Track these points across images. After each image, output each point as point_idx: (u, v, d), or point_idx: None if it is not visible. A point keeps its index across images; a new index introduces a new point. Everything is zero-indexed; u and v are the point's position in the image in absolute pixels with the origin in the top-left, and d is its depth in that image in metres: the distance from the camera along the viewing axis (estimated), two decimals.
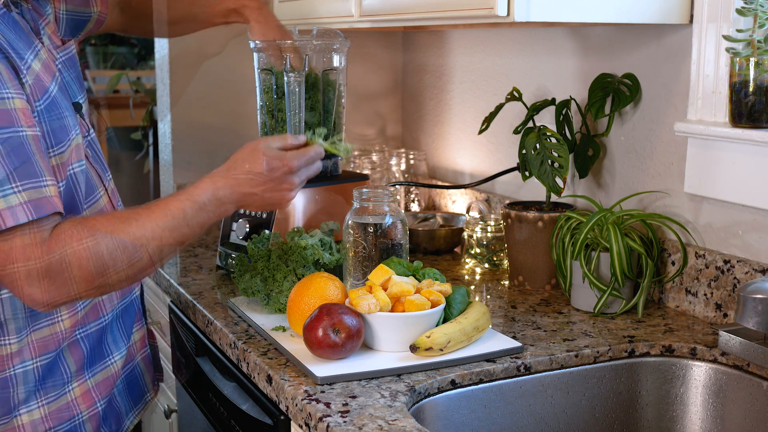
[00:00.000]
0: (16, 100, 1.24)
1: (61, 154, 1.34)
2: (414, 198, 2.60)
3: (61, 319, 1.42)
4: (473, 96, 2.44)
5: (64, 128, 1.35)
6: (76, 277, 1.24)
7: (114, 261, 1.26)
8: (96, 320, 1.48)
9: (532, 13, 1.57)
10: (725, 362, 1.50)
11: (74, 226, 1.25)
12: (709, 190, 1.67)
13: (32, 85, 1.30)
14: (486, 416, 1.43)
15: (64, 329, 1.42)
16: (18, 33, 1.34)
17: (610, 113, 1.85)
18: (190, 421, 1.91)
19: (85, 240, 1.24)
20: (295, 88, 1.83)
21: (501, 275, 2.01)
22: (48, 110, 1.32)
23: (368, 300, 1.42)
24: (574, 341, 1.55)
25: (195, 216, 1.34)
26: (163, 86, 2.57)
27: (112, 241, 1.25)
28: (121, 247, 1.26)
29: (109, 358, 1.52)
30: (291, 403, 1.33)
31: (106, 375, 1.51)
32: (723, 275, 1.64)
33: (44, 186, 1.24)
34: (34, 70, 1.33)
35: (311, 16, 2.25)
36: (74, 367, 1.45)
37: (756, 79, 1.53)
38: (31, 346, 1.40)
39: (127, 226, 1.28)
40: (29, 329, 1.39)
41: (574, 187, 2.03)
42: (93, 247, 1.24)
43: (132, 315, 1.57)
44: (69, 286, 1.24)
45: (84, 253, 1.23)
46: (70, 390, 1.45)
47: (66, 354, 1.44)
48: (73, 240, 1.24)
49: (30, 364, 1.40)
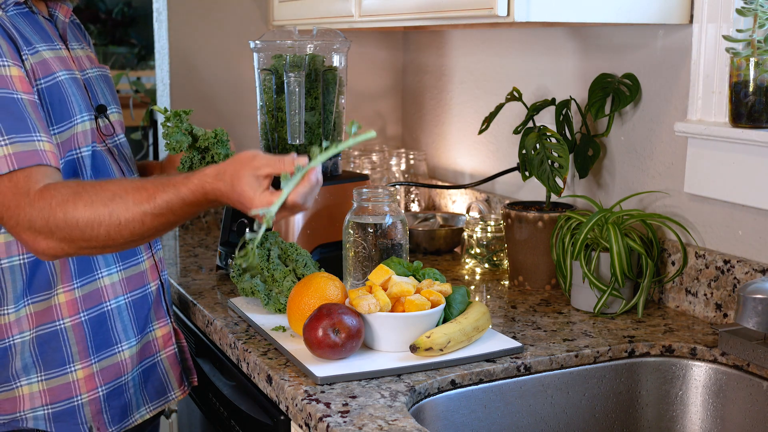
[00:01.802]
0: (13, 68, 1.34)
1: (61, 133, 1.41)
2: (414, 198, 2.60)
3: (56, 292, 1.46)
4: (473, 96, 2.44)
5: (65, 111, 1.42)
6: (58, 236, 1.30)
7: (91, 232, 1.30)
8: (98, 305, 1.50)
9: (532, 13, 1.57)
10: (725, 362, 1.50)
11: (62, 188, 1.31)
12: (709, 190, 1.67)
13: (35, 64, 1.38)
14: (486, 416, 1.43)
15: (59, 303, 1.46)
16: (36, 29, 1.44)
17: (610, 113, 1.85)
18: (190, 421, 1.91)
19: (67, 204, 1.29)
20: (295, 88, 1.83)
21: (501, 275, 2.01)
22: (49, 91, 1.40)
23: (368, 300, 1.42)
24: (574, 341, 1.55)
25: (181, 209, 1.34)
26: (163, 86, 2.57)
27: (91, 213, 1.30)
28: (98, 221, 1.30)
29: (117, 346, 1.53)
30: (291, 403, 1.33)
31: (113, 362, 1.53)
32: (723, 275, 1.64)
33: (36, 140, 1.32)
34: (41, 55, 1.41)
35: (311, 16, 2.25)
36: (76, 348, 1.48)
37: (756, 79, 1.53)
38: (30, 317, 1.45)
39: (110, 201, 1.31)
40: (27, 300, 1.44)
41: (574, 187, 2.03)
42: (71, 213, 1.29)
43: (146, 308, 1.59)
44: (57, 241, 1.31)
45: (61, 216, 1.29)
46: (73, 371, 1.48)
47: (69, 333, 1.47)
48: (54, 200, 1.29)
49: (27, 335, 1.45)
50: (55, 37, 1.49)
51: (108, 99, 1.60)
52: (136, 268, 1.58)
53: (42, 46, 1.43)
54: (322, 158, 1.32)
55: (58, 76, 1.43)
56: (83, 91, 1.50)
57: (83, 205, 1.30)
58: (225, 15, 2.55)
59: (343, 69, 1.93)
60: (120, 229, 1.31)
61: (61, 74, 1.44)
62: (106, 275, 1.52)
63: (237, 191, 1.32)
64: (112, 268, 1.53)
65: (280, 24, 2.44)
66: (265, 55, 1.91)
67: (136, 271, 1.57)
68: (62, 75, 1.44)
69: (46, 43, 1.45)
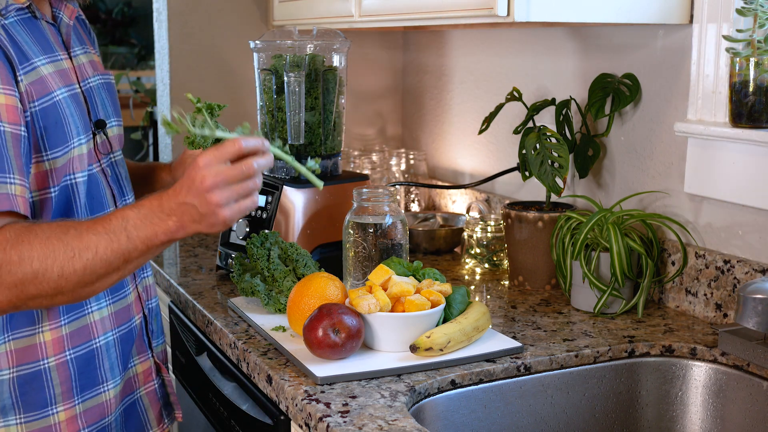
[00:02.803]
0: (1, 96, 1.23)
1: (55, 159, 1.31)
2: (414, 198, 2.60)
3: (41, 329, 1.35)
4: (473, 96, 2.44)
5: (62, 134, 1.32)
6: (5, 283, 1.19)
7: (44, 269, 1.20)
8: (87, 342, 1.40)
9: (532, 13, 1.57)
10: (725, 362, 1.50)
11: (14, 229, 1.21)
12: (709, 190, 1.67)
13: (29, 85, 1.28)
14: (486, 416, 1.43)
15: (44, 341, 1.35)
16: (36, 38, 1.34)
17: (610, 113, 1.85)
18: (190, 421, 1.91)
19: (20, 244, 1.20)
20: (295, 88, 1.83)
21: (501, 275, 2.01)
22: (44, 113, 1.29)
23: (368, 300, 1.42)
24: (574, 341, 1.55)
25: (136, 228, 1.24)
26: (163, 86, 2.57)
27: (43, 248, 1.20)
28: (52, 257, 1.20)
29: (103, 385, 1.43)
30: (291, 403, 1.33)
31: (97, 403, 1.43)
32: (723, 275, 1.64)
33: (9, 183, 1.21)
34: (39, 72, 1.31)
35: (311, 16, 2.25)
36: (60, 389, 1.37)
37: (756, 79, 1.53)
38: (9, 354, 1.33)
39: (64, 234, 1.22)
40: (7, 336, 1.33)
41: (574, 187, 2.03)
42: (26, 252, 1.19)
43: (130, 344, 1.49)
44: (3, 289, 1.20)
45: (16, 258, 1.19)
46: (55, 413, 1.37)
47: (52, 373, 1.36)
48: (8, 243, 1.19)
49: (6, 373, 1.33)
50: (57, 45, 1.39)
51: (108, 110, 1.48)
52: (124, 301, 1.48)
53: (41, 60, 1.32)
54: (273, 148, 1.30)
55: (55, 95, 1.32)
56: (83, 107, 1.40)
57: (38, 242, 1.20)
58: (225, 15, 2.55)
59: (343, 69, 1.93)
60: (73, 262, 1.21)
61: (59, 93, 1.33)
62: (95, 310, 1.41)
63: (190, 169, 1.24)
64: (102, 302, 1.42)
65: (280, 24, 2.44)
66: (265, 55, 1.91)
67: (123, 305, 1.47)
68: (60, 94, 1.33)
69: (46, 55, 1.34)
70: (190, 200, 1.24)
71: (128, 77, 3.70)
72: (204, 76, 2.54)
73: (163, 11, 2.50)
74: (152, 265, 2.11)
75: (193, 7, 2.52)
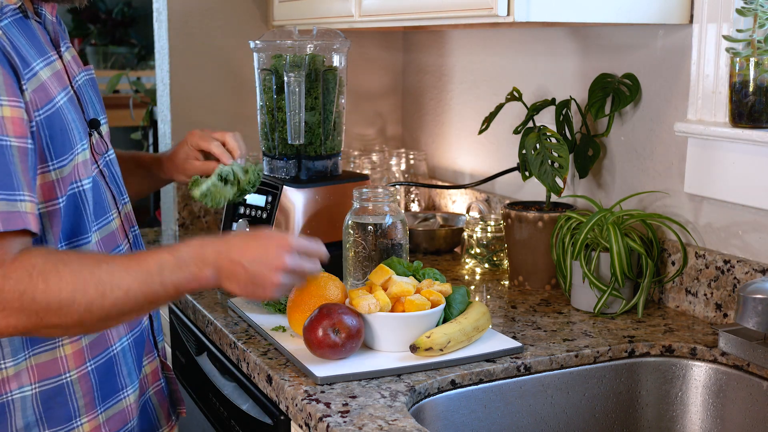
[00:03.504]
0: (6, 108, 1.18)
1: (62, 168, 1.27)
2: (414, 198, 2.60)
3: (62, 343, 1.32)
4: (473, 96, 2.44)
5: (66, 141, 1.28)
6: (28, 310, 1.16)
7: (71, 301, 1.17)
8: (105, 350, 1.38)
9: (532, 13, 1.57)
10: (725, 362, 1.50)
11: (42, 255, 1.18)
12: (709, 190, 1.67)
13: (33, 93, 1.24)
14: (486, 416, 1.43)
15: (65, 355, 1.32)
16: (31, 40, 1.30)
17: (610, 113, 1.85)
18: (190, 421, 1.91)
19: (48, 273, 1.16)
20: (295, 88, 1.83)
21: (501, 275, 2.01)
22: (49, 121, 1.26)
23: (368, 300, 1.42)
24: (574, 341, 1.55)
25: (172, 272, 1.24)
26: (163, 86, 2.57)
27: (74, 280, 1.17)
28: (82, 290, 1.18)
29: (123, 392, 1.41)
30: (291, 403, 1.33)
31: (119, 410, 1.41)
32: (723, 275, 1.64)
33: (19, 200, 1.16)
34: (40, 78, 1.27)
35: (311, 16, 2.25)
36: (83, 401, 1.35)
37: (756, 79, 1.53)
38: (31, 371, 1.30)
39: (96, 268, 1.20)
40: (27, 352, 1.30)
41: (574, 187, 2.03)
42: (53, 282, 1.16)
43: (142, 346, 1.47)
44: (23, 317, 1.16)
45: (41, 285, 1.15)
46: (79, 425, 1.35)
47: (75, 386, 1.34)
48: (35, 269, 1.16)
49: (29, 389, 1.30)
50: (47, 43, 1.34)
51: (96, 108, 1.44)
52: None
53: (39, 64, 1.27)
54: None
55: (57, 101, 1.28)
56: (78, 108, 1.36)
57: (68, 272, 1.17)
58: (225, 15, 2.55)
59: (343, 69, 1.93)
60: (103, 299, 1.19)
61: (59, 98, 1.29)
62: None
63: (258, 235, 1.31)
64: None
65: (280, 24, 2.44)
66: (265, 55, 1.91)
67: None
68: (61, 99, 1.30)
69: (42, 57, 1.29)
70: (253, 268, 1.28)
71: (128, 77, 3.69)
72: (204, 76, 2.54)
73: (163, 11, 2.50)
74: None
75: (193, 7, 2.52)
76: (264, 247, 1.30)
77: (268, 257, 1.29)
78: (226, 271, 1.28)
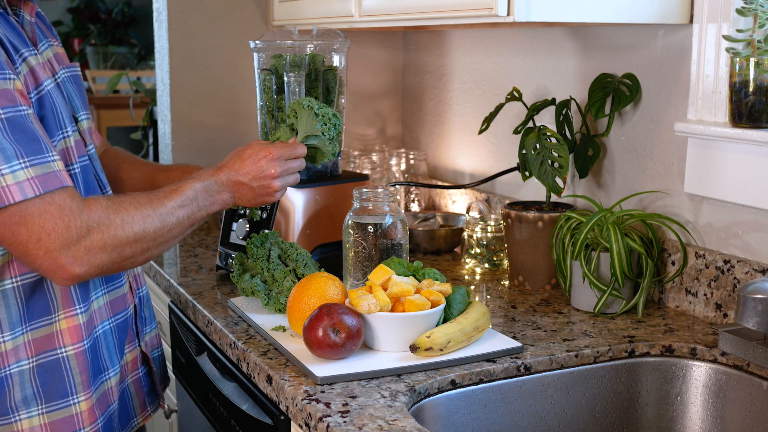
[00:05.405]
0: (17, 82, 1.27)
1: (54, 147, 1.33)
2: (414, 198, 2.60)
3: (58, 318, 1.36)
4: (473, 96, 2.44)
5: (57, 123, 1.36)
6: (108, 246, 1.29)
7: (143, 232, 1.33)
8: (92, 331, 1.42)
9: (532, 13, 1.57)
10: (725, 362, 1.50)
11: (104, 198, 1.33)
12: (709, 190, 1.67)
13: (26, 75, 1.32)
14: (486, 416, 1.43)
15: (60, 329, 1.36)
16: (15, 33, 1.35)
17: (610, 113, 1.85)
18: (190, 421, 1.91)
19: (118, 211, 1.31)
20: (295, 88, 1.83)
21: (501, 275, 2.01)
22: (41, 102, 1.34)
23: (368, 300, 1.42)
24: (574, 341, 1.55)
25: (204, 198, 1.45)
26: (163, 86, 2.57)
27: (140, 214, 1.33)
28: (149, 220, 1.34)
29: (105, 374, 1.45)
30: (291, 403, 1.33)
31: (103, 391, 1.45)
32: (723, 275, 1.64)
33: (51, 161, 1.26)
34: (29, 63, 1.34)
35: (311, 16, 2.25)
36: (79, 378, 1.39)
37: (756, 79, 1.53)
38: (28, 345, 1.35)
39: (150, 201, 1.36)
40: (25, 327, 1.34)
41: (574, 187, 2.03)
42: (126, 218, 1.31)
43: (125, 333, 1.51)
44: (106, 253, 1.29)
45: (119, 221, 1.30)
46: (76, 403, 1.39)
47: (72, 362, 1.38)
48: (108, 209, 1.30)
49: (26, 364, 1.35)
50: (27, 41, 1.38)
51: (77, 105, 1.48)
52: (120, 290, 1.50)
53: (26, 52, 1.34)
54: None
55: (45, 85, 1.35)
56: (64, 97, 1.42)
57: (132, 208, 1.33)
58: (225, 15, 2.55)
59: (343, 69, 1.93)
60: (163, 225, 1.36)
61: (47, 83, 1.36)
62: (94, 299, 1.43)
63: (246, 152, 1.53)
64: (98, 291, 1.45)
65: (280, 24, 2.44)
66: (265, 55, 1.91)
67: (119, 294, 1.50)
68: (48, 84, 1.36)
69: (25, 47, 1.35)
70: (253, 183, 1.52)
71: (128, 77, 3.69)
72: (204, 76, 2.54)
73: (163, 11, 2.50)
74: (152, 264, 2.11)
75: (193, 7, 2.52)
76: (255, 163, 1.52)
77: (262, 171, 1.52)
78: (237, 192, 1.52)
